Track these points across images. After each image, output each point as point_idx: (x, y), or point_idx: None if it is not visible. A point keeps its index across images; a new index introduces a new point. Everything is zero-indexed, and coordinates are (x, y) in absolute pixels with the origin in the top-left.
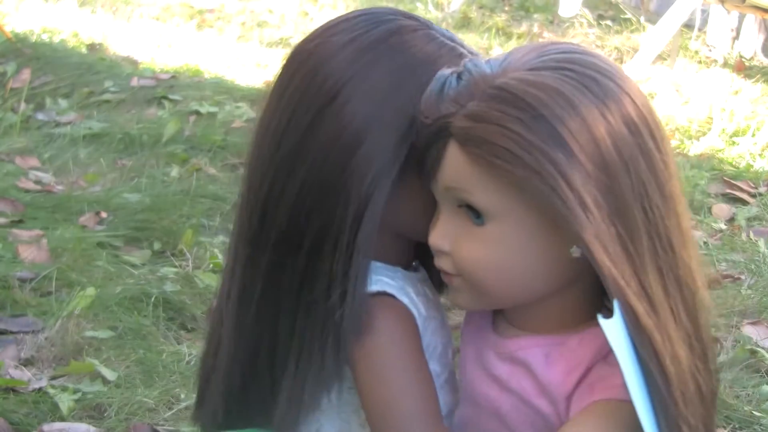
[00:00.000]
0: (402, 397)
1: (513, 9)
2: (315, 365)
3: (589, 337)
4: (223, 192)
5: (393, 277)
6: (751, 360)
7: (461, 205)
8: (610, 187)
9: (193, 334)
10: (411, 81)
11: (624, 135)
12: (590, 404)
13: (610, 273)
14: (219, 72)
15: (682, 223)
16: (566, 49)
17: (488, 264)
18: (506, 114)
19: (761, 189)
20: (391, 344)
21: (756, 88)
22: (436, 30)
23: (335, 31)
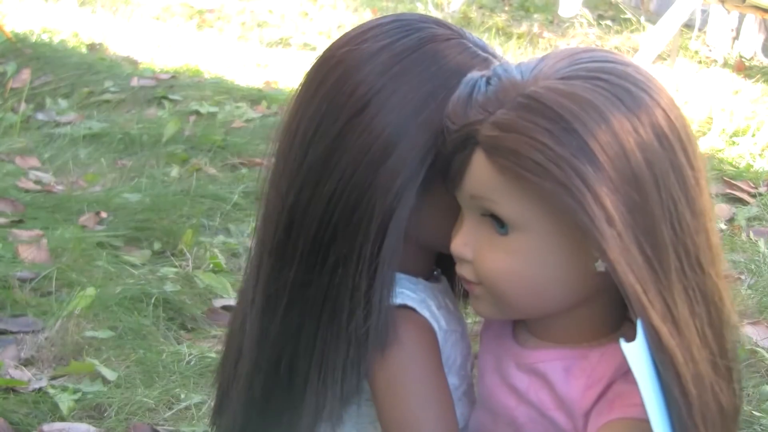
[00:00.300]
0: (420, 414)
1: (513, 9)
2: (337, 378)
3: (610, 352)
4: (223, 192)
5: (414, 289)
6: (750, 360)
7: (485, 214)
8: (639, 203)
9: (193, 334)
10: (442, 93)
11: (655, 149)
12: (608, 422)
13: (634, 292)
14: (219, 72)
15: (711, 239)
16: (600, 57)
17: (510, 274)
18: (535, 125)
19: (761, 189)
20: (412, 359)
21: (756, 88)
22: (469, 39)
23: (366, 37)
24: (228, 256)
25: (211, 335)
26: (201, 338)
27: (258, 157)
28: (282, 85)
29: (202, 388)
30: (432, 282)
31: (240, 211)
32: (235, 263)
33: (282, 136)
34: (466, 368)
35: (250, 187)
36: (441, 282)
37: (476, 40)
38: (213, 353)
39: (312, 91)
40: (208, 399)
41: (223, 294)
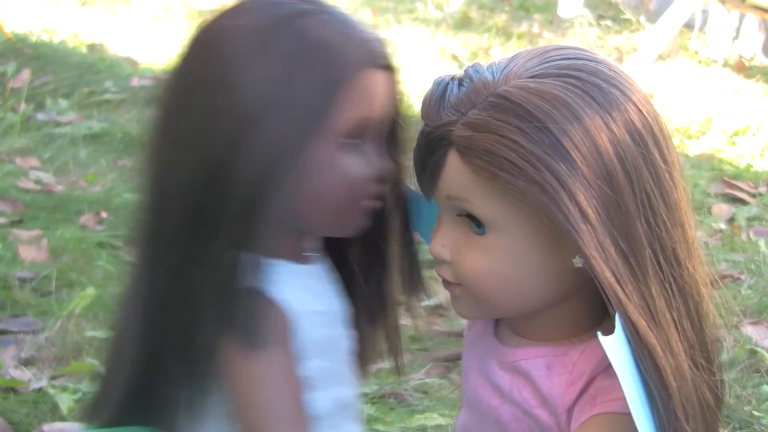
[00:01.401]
0: (274, 401)
1: (513, 9)
2: (198, 367)
3: (591, 348)
4: None
5: (275, 272)
6: (751, 360)
7: (462, 214)
8: (613, 199)
9: None
10: (306, 67)
11: (628, 145)
12: (591, 417)
13: (611, 286)
14: None
15: (687, 233)
16: (570, 54)
17: (489, 273)
18: (508, 124)
19: (761, 189)
20: (274, 364)
21: (756, 88)
22: (335, 15)
23: (233, 13)
24: None
25: None
26: None
27: None
28: None
29: None
30: (301, 264)
31: None
32: None
33: (157, 119)
34: (338, 348)
35: None
36: (316, 264)
37: (342, 16)
38: None
39: (184, 69)
40: None
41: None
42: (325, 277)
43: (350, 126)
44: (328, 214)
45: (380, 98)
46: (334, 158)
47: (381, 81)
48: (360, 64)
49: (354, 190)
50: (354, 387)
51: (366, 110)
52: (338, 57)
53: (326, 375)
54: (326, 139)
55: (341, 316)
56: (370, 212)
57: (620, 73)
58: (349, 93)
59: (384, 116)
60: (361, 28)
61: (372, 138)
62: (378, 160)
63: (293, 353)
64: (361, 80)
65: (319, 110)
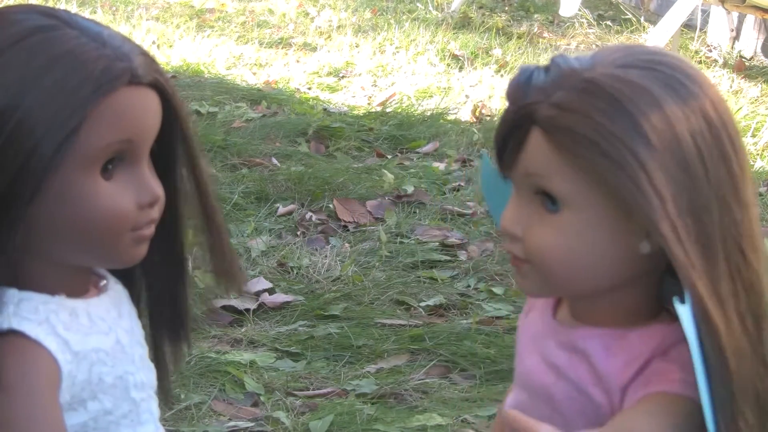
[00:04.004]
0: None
1: (513, 9)
2: None
3: (649, 333)
4: (223, 192)
5: (37, 309)
6: None
7: (538, 191)
8: (688, 185)
9: (193, 334)
10: (43, 86)
11: (705, 137)
12: (644, 396)
13: (683, 263)
14: (219, 72)
15: (753, 227)
16: (653, 51)
17: (559, 251)
18: (593, 106)
19: (761, 189)
20: (18, 407)
21: (756, 89)
22: (84, 29)
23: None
24: None
25: (211, 335)
26: (201, 338)
27: (258, 157)
28: (282, 85)
29: (202, 388)
30: (89, 297)
31: (240, 211)
32: None
33: None
34: (123, 386)
35: (250, 187)
36: (110, 290)
37: (87, 25)
38: (213, 353)
39: None
40: (208, 399)
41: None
42: (122, 303)
43: (106, 150)
44: (92, 247)
45: (142, 117)
46: (88, 187)
47: (142, 99)
48: (114, 81)
49: (119, 221)
50: (150, 424)
51: (124, 131)
52: (84, 74)
53: (112, 417)
54: (76, 165)
55: (132, 350)
56: (145, 240)
57: (699, 72)
58: (102, 113)
59: (148, 136)
60: (118, 43)
61: (137, 161)
62: (146, 184)
63: (53, 398)
64: (117, 99)
65: (61, 134)
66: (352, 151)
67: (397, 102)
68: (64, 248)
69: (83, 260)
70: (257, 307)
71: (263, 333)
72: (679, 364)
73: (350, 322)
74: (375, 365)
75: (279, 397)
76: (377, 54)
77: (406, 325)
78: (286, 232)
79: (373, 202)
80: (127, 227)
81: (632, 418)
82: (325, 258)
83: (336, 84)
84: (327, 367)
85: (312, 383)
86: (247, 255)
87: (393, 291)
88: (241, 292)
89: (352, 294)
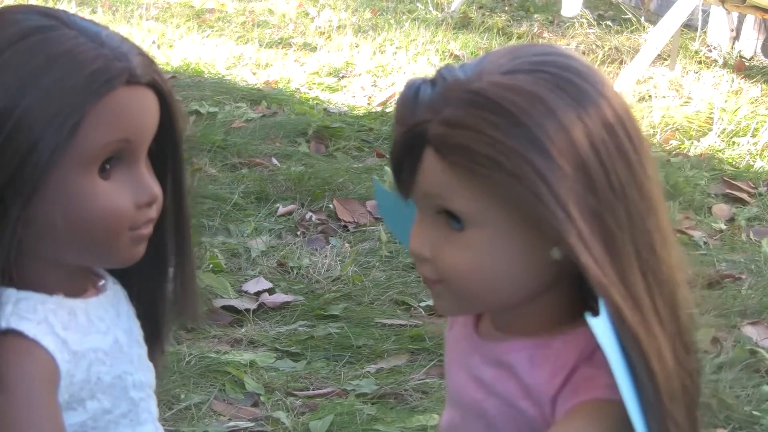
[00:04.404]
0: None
1: (513, 9)
2: None
3: (572, 339)
4: (223, 192)
5: (35, 309)
6: (750, 360)
7: (440, 211)
8: (590, 189)
9: (193, 334)
10: (42, 85)
11: (602, 137)
12: (575, 405)
13: (594, 272)
14: (219, 72)
15: (661, 222)
16: (541, 51)
17: (470, 269)
18: (483, 119)
19: (761, 189)
20: (16, 397)
21: (756, 89)
22: (82, 29)
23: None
24: (228, 256)
25: (211, 335)
26: (201, 338)
27: (258, 157)
28: (282, 85)
29: (202, 388)
30: (87, 296)
31: (240, 211)
32: (235, 263)
33: None
34: (122, 386)
35: (250, 187)
36: (108, 290)
37: (85, 25)
38: (213, 353)
39: None
40: (208, 399)
41: (223, 294)
42: (120, 303)
43: (104, 149)
44: (90, 247)
45: (139, 117)
46: (86, 186)
47: (140, 99)
48: (112, 80)
49: (117, 221)
50: (149, 424)
51: (122, 131)
52: (82, 74)
53: (111, 416)
54: (74, 164)
55: (130, 350)
56: (143, 239)
57: (591, 69)
58: (100, 113)
59: (146, 136)
60: (116, 43)
61: (135, 160)
62: (144, 184)
63: (52, 397)
64: (115, 99)
65: (59, 133)
66: (352, 151)
67: None
68: (62, 248)
69: (81, 260)
70: (257, 307)
71: (263, 333)
72: (605, 368)
73: (350, 322)
74: (375, 365)
75: (279, 397)
76: (377, 54)
77: (406, 325)
78: (286, 232)
79: (373, 202)
80: (125, 227)
81: (564, 430)
82: (325, 258)
83: (336, 84)
84: (327, 367)
85: (312, 383)
86: (247, 255)
87: (393, 291)
88: (196, 323)
89: (352, 294)
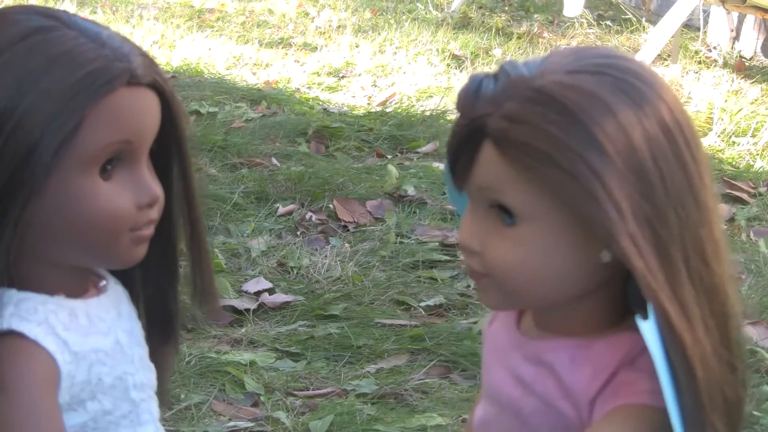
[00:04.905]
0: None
1: (513, 9)
2: None
3: (615, 342)
4: (224, 192)
5: (36, 310)
6: (750, 360)
7: (493, 205)
8: (645, 193)
9: (193, 334)
10: (41, 85)
11: (660, 142)
12: (613, 409)
13: (644, 275)
14: (219, 72)
15: (714, 233)
16: (604, 53)
17: (518, 264)
18: (544, 116)
19: (761, 189)
20: (17, 398)
21: (756, 89)
22: (82, 29)
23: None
24: (228, 256)
25: (212, 335)
26: (201, 338)
27: (258, 157)
28: (282, 85)
29: (202, 388)
30: (88, 297)
31: (240, 211)
32: (235, 263)
33: None
34: (123, 387)
35: (250, 187)
36: (109, 290)
37: (86, 25)
38: (213, 353)
39: None
40: (208, 399)
41: (224, 294)
42: (121, 304)
43: (105, 150)
44: (91, 248)
45: (140, 118)
46: (87, 187)
47: (141, 99)
48: (112, 81)
49: (118, 222)
50: (150, 425)
51: (123, 132)
52: (82, 74)
53: (111, 417)
54: (75, 165)
55: (131, 351)
56: (144, 240)
57: (653, 74)
58: (100, 113)
59: (147, 137)
60: (117, 44)
61: (136, 161)
62: (145, 184)
63: (52, 398)
64: (115, 99)
65: (59, 134)
66: (352, 151)
67: (397, 102)
68: (63, 248)
69: (82, 260)
70: (257, 307)
71: (263, 333)
72: (647, 373)
73: (350, 322)
74: (375, 365)
75: (279, 397)
76: (377, 54)
77: (406, 325)
78: (286, 232)
79: (373, 202)
80: (126, 227)
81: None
82: (325, 258)
83: (336, 84)
84: (327, 367)
85: (312, 383)
86: (247, 255)
87: (393, 291)
88: (215, 313)
89: (352, 294)
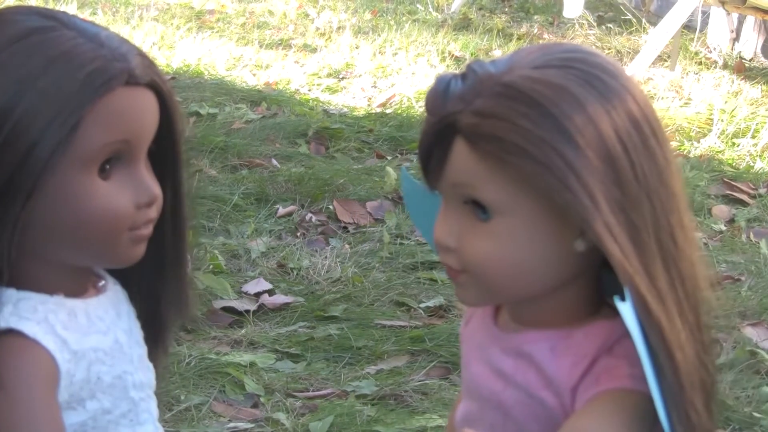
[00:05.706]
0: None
1: (513, 10)
2: None
3: (593, 330)
4: (223, 193)
5: (35, 309)
6: (751, 361)
7: (467, 201)
8: (617, 181)
9: (193, 336)
10: (40, 86)
11: (629, 132)
12: (596, 394)
13: (620, 260)
14: (219, 73)
15: (684, 220)
16: (570, 48)
17: (495, 259)
18: (514, 110)
19: (761, 190)
20: (16, 397)
21: (756, 90)
22: (81, 29)
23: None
24: (228, 257)
25: (211, 336)
26: (201, 339)
27: (258, 158)
28: (282, 86)
29: (202, 390)
30: (87, 296)
31: (240, 212)
32: (235, 264)
33: None
34: (122, 385)
35: (250, 188)
36: (108, 290)
37: (84, 26)
38: (213, 354)
39: None
40: (208, 400)
41: (223, 295)
42: (120, 304)
43: (103, 150)
44: (89, 247)
45: (139, 118)
46: (86, 187)
47: (139, 99)
48: (111, 81)
49: (117, 221)
50: (149, 424)
51: (121, 132)
52: (81, 74)
53: (111, 416)
54: (74, 165)
55: (130, 350)
56: (143, 240)
57: (617, 66)
58: (99, 113)
59: (146, 137)
60: (116, 44)
61: (135, 161)
62: (143, 184)
63: (52, 397)
64: (114, 99)
65: (58, 134)
66: (352, 152)
67: (397, 103)
68: (61, 248)
69: (81, 260)
70: (257, 308)
71: (263, 334)
72: (626, 359)
73: (350, 323)
74: (375, 366)
75: (279, 398)
76: (377, 55)
77: (406, 327)
78: (286, 233)
79: (373, 203)
80: (124, 227)
81: (585, 419)
82: (325, 259)
83: (336, 85)
84: (327, 369)
85: (312, 384)
86: (247, 256)
87: (393, 292)
88: (190, 320)
89: (352, 295)
